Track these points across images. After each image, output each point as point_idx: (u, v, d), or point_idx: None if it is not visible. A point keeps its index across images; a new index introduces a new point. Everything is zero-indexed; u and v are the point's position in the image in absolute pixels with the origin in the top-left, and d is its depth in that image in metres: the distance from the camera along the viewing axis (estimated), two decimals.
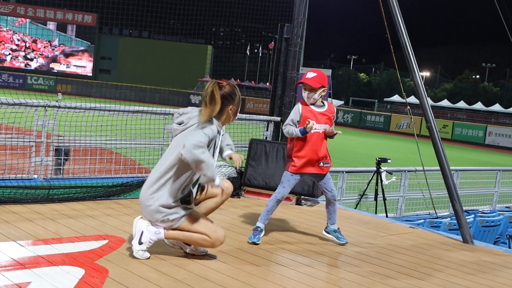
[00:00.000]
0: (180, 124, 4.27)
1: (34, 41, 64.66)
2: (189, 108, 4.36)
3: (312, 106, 5.20)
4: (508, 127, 48.05)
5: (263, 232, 5.16)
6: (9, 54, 63.31)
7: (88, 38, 65.70)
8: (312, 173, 5.22)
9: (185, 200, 4.24)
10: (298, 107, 5.22)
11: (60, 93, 37.98)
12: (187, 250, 4.46)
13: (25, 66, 62.90)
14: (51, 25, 64.64)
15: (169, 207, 4.16)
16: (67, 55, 65.27)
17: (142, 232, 4.21)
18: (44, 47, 64.93)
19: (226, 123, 4.51)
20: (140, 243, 4.21)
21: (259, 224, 5.18)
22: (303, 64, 8.03)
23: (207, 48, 67.75)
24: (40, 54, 64.41)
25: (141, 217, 4.30)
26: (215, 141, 4.30)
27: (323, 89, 5.16)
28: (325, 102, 5.31)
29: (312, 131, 5.08)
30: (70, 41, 65.50)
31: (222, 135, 4.51)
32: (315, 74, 5.13)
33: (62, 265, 3.89)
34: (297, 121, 5.17)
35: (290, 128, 5.15)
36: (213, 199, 4.58)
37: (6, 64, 61.98)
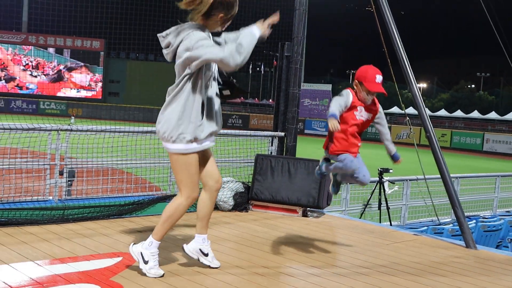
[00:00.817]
0: (168, 46, 4.16)
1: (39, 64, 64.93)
2: (172, 27, 4.16)
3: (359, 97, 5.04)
4: (504, 133, 48.21)
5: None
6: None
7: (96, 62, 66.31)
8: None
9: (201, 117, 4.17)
10: (348, 92, 5.00)
11: (73, 117, 38.18)
12: (204, 262, 4.53)
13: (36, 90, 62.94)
14: (51, 50, 64.99)
15: (180, 125, 4.13)
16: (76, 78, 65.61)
17: (142, 253, 4.25)
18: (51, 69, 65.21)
19: (212, 30, 4.25)
20: (146, 262, 4.23)
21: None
22: (304, 80, 8.25)
23: None
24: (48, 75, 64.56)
25: (133, 244, 4.34)
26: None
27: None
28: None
29: (357, 117, 4.98)
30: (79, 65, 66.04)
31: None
32: (382, 78, 5.02)
33: (79, 283, 3.95)
34: (345, 107, 4.95)
35: (332, 107, 4.81)
36: (206, 203, 4.50)
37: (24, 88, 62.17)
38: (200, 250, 4.54)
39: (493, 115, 66.03)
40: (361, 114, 5.03)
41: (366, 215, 10.08)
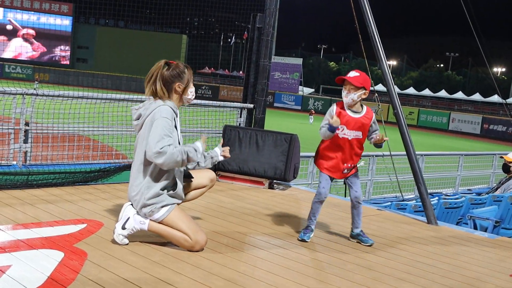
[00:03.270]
0: (138, 118, 4.30)
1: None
2: (145, 101, 4.38)
3: (347, 110, 4.85)
4: (470, 114, 49.19)
5: (313, 233, 5.02)
6: None
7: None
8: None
9: (171, 188, 4.30)
10: (332, 108, 4.87)
11: (37, 82, 37.42)
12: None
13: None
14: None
15: (156, 196, 4.20)
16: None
17: (128, 218, 4.25)
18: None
19: (181, 104, 4.45)
20: (124, 228, 4.23)
21: (309, 223, 5.03)
22: (275, 53, 8.27)
23: (182, 37, 67.50)
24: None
25: (131, 204, 4.34)
26: (175, 121, 4.30)
27: (364, 91, 4.82)
28: (364, 107, 4.96)
29: (340, 136, 4.82)
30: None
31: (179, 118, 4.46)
32: (358, 74, 4.80)
33: (42, 248, 3.94)
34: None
35: (322, 129, 4.79)
36: (200, 189, 4.77)
37: None
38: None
39: (459, 95, 67.16)
40: (343, 133, 4.84)
41: (332, 189, 10.15)
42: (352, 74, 4.80)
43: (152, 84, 4.28)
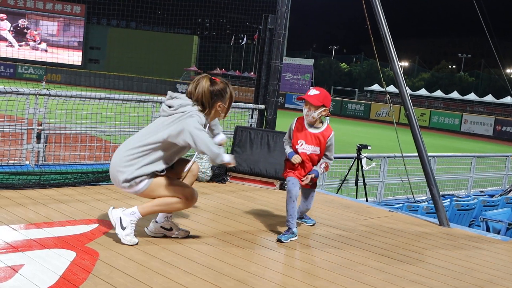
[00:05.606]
0: (169, 107, 4.31)
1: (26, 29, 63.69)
2: (182, 95, 4.39)
3: (306, 125, 5.06)
4: (482, 115, 48.83)
5: (295, 236, 4.98)
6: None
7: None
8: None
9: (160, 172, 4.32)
10: (292, 123, 5.11)
11: (44, 82, 37.69)
12: (173, 236, 4.57)
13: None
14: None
15: (140, 177, 4.23)
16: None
17: (121, 218, 4.27)
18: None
19: (215, 118, 4.56)
20: (123, 227, 4.25)
21: (289, 224, 5.02)
22: (286, 54, 8.21)
23: (193, 38, 67.81)
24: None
25: (113, 207, 4.36)
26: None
27: (323, 108, 4.96)
28: (325, 124, 5.13)
29: (299, 150, 5.02)
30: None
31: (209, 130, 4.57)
32: (317, 92, 4.94)
33: (54, 248, 3.97)
34: (289, 137, 5.15)
35: (285, 146, 5.16)
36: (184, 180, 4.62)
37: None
38: (162, 227, 4.58)
39: (472, 96, 66.70)
40: (302, 147, 5.04)
41: (343, 191, 10.18)
42: (313, 92, 4.95)
43: (201, 102, 4.35)
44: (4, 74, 51.60)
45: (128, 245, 4.23)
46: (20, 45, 61.88)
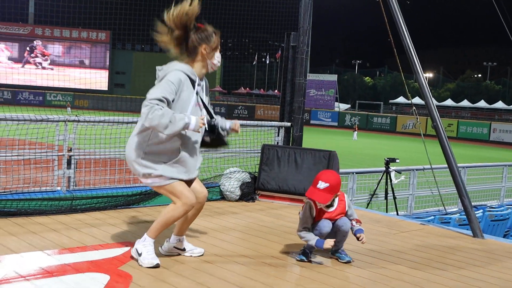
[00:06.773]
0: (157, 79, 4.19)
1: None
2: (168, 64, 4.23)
3: (323, 207, 4.71)
4: (511, 123, 48.09)
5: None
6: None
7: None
8: None
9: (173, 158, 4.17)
10: (306, 210, 4.70)
11: (69, 108, 38.32)
12: (186, 254, 4.57)
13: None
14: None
15: (152, 162, 4.14)
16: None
17: (136, 248, 4.29)
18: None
19: (206, 71, 4.31)
20: (140, 254, 4.25)
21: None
22: (310, 70, 8.23)
23: None
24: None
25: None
26: (195, 89, 4.21)
27: (335, 195, 4.68)
28: (336, 200, 4.75)
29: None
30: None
31: (202, 85, 4.36)
32: (327, 185, 4.55)
33: (88, 272, 4.01)
34: (308, 223, 4.72)
35: (305, 235, 4.64)
36: (192, 211, 4.43)
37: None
38: (175, 247, 4.58)
39: (500, 104, 65.85)
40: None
41: (373, 205, 10.10)
42: (322, 185, 4.55)
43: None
44: (34, 102, 52.82)
45: (150, 267, 4.18)
46: (47, 74, 63.05)
